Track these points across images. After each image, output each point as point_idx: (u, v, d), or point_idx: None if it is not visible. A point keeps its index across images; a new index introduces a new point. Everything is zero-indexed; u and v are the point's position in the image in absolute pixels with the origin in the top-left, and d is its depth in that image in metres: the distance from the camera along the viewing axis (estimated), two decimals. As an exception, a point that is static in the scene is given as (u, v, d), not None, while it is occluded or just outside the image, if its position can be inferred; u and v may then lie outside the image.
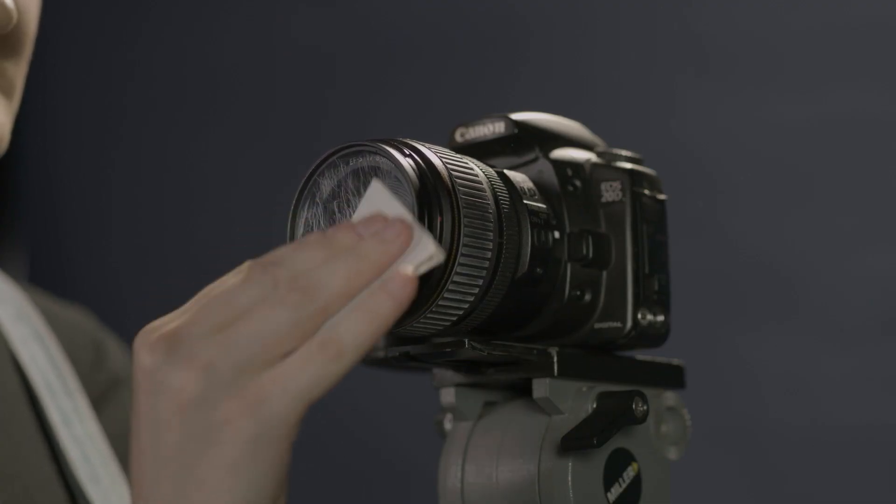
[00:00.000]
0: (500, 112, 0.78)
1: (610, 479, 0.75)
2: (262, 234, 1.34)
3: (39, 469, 0.93)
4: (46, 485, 0.93)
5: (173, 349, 0.63)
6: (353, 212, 0.70)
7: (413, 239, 0.66)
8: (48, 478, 0.93)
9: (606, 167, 0.77)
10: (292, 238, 0.71)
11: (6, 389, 0.95)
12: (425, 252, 0.66)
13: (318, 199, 0.71)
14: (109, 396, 1.03)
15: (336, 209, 0.71)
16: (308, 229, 0.71)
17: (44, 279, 2.06)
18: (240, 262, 0.66)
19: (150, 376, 0.63)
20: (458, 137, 0.78)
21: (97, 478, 0.95)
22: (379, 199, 0.67)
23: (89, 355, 1.04)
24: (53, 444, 0.95)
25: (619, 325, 0.76)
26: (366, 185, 0.70)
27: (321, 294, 0.64)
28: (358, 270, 0.64)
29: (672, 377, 0.79)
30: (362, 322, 0.64)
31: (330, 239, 0.66)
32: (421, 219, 0.68)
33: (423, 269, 0.66)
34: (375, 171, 0.70)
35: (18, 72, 0.86)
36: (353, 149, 0.70)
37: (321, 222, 0.71)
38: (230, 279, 0.65)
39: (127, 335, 1.12)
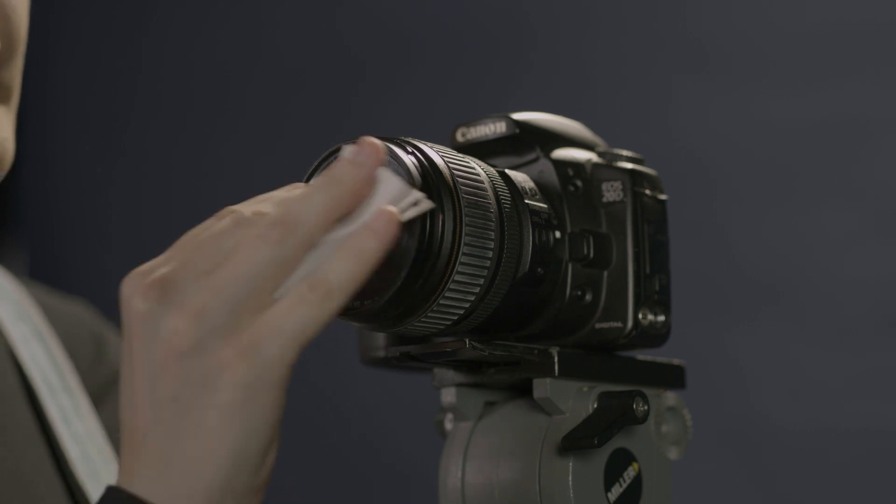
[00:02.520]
0: (502, 112, 0.78)
1: (610, 479, 0.75)
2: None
3: (38, 467, 0.93)
4: (45, 482, 0.93)
5: (165, 295, 0.64)
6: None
7: (397, 187, 0.66)
8: (47, 476, 0.93)
9: (607, 167, 0.77)
10: None
11: (4, 387, 0.95)
12: (410, 198, 0.67)
13: None
14: (111, 390, 1.03)
15: None
16: None
17: (44, 277, 2.06)
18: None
19: (144, 322, 0.64)
20: (459, 137, 0.78)
21: (97, 476, 0.95)
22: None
23: (90, 349, 1.04)
24: (52, 443, 0.95)
25: (619, 325, 0.76)
26: None
27: (301, 225, 0.64)
28: (334, 196, 0.65)
29: (673, 377, 0.79)
30: (348, 261, 0.64)
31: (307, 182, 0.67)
32: (422, 218, 0.68)
33: (410, 213, 0.67)
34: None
35: (13, 77, 0.86)
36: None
37: None
38: (214, 223, 0.66)
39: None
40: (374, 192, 0.66)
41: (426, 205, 0.67)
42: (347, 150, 0.67)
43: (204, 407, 0.63)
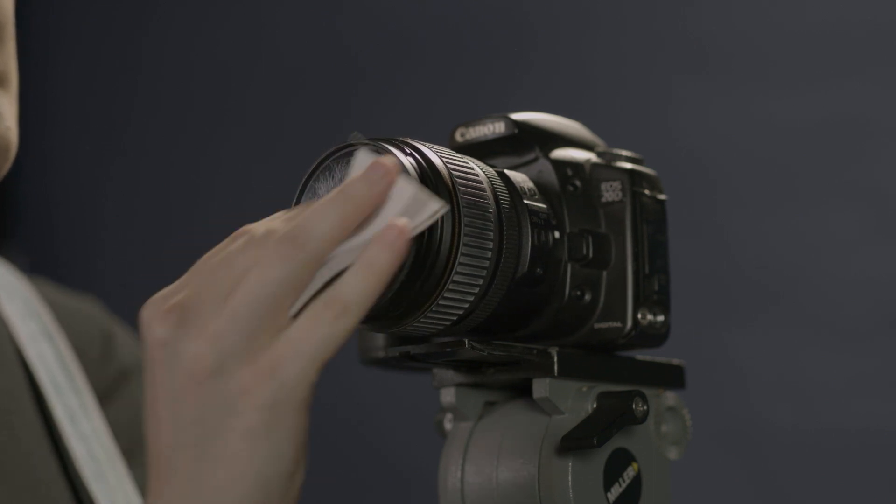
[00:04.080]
0: (501, 112, 0.78)
1: (610, 478, 0.75)
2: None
3: (42, 466, 0.93)
4: (49, 482, 0.93)
5: (183, 320, 0.64)
6: None
7: (410, 194, 0.66)
8: (51, 475, 0.93)
9: (606, 167, 0.77)
10: None
11: (10, 385, 0.95)
12: (426, 208, 0.66)
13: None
14: (119, 387, 1.03)
15: None
16: None
17: (44, 277, 2.06)
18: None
19: (165, 347, 0.64)
20: (458, 137, 0.78)
21: (103, 476, 0.95)
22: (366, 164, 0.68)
23: (98, 346, 1.04)
24: (58, 442, 0.95)
25: (619, 325, 0.76)
26: None
27: (311, 241, 0.64)
28: (344, 212, 0.65)
29: (672, 377, 0.79)
30: (362, 276, 0.64)
31: (320, 197, 0.67)
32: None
33: (423, 223, 0.66)
34: None
35: (6, 62, 0.85)
36: (351, 148, 0.70)
37: None
38: (228, 244, 0.66)
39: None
40: (387, 199, 0.66)
41: (441, 210, 0.67)
42: (360, 160, 0.67)
43: (227, 430, 0.63)
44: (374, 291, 0.65)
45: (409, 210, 0.66)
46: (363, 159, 0.67)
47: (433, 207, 0.66)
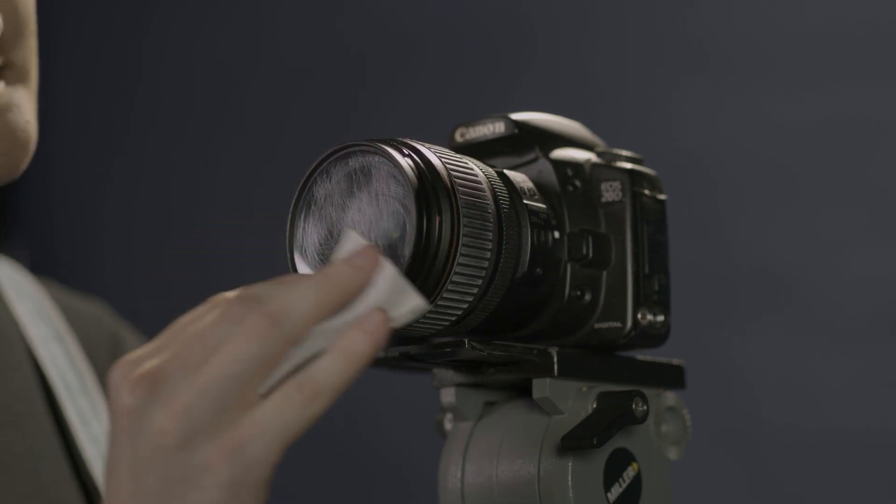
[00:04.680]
0: (501, 112, 0.78)
1: (610, 478, 0.75)
2: (262, 230, 1.34)
3: (54, 466, 0.93)
4: (60, 482, 0.93)
5: (153, 390, 0.64)
6: (347, 214, 0.70)
7: (394, 286, 0.65)
8: (63, 475, 0.94)
9: (606, 167, 0.77)
10: (291, 243, 0.71)
11: (22, 387, 0.95)
12: (408, 302, 0.65)
13: (314, 205, 0.71)
14: None
15: (332, 212, 0.71)
16: (306, 235, 0.71)
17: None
18: (241, 262, 0.67)
19: (131, 417, 0.64)
20: (457, 137, 0.78)
21: None
22: (352, 247, 0.67)
23: (107, 349, 1.04)
24: (70, 443, 0.96)
25: (619, 325, 0.76)
26: (359, 185, 0.70)
27: (288, 320, 0.64)
28: (325, 294, 0.64)
29: (672, 377, 0.79)
30: (338, 362, 0.64)
31: (302, 274, 0.66)
32: (420, 219, 0.68)
33: (404, 317, 0.65)
34: (368, 171, 0.70)
35: (27, 57, 0.85)
36: (349, 149, 0.70)
37: (318, 227, 0.71)
38: (204, 312, 0.66)
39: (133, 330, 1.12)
40: (370, 284, 0.65)
41: (421, 306, 0.66)
42: (348, 241, 0.66)
43: None
44: (349, 379, 0.64)
45: (392, 299, 0.65)
46: (351, 241, 0.67)
47: (414, 302, 0.65)
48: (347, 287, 0.65)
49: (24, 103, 0.85)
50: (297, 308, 0.64)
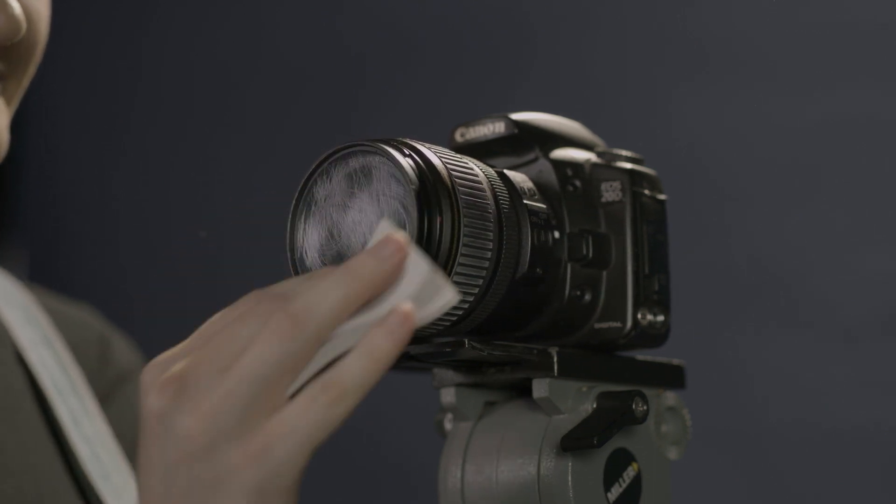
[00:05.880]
0: (501, 112, 0.78)
1: (610, 479, 0.75)
2: (262, 230, 1.34)
3: (47, 465, 0.94)
4: (54, 480, 0.93)
5: (180, 394, 0.64)
6: (347, 215, 0.70)
7: (422, 275, 0.65)
8: (56, 474, 0.94)
9: (606, 167, 0.77)
10: (292, 244, 0.71)
11: (12, 387, 0.96)
12: (438, 296, 0.65)
13: (314, 205, 0.71)
14: (116, 393, 1.03)
15: (332, 213, 0.70)
16: (306, 236, 0.71)
17: (44, 278, 2.06)
18: (241, 263, 0.67)
19: (160, 421, 0.64)
20: (458, 137, 0.78)
21: (108, 475, 0.95)
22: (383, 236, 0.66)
23: (95, 353, 1.05)
24: (62, 443, 0.96)
25: (619, 325, 0.76)
26: (359, 185, 0.70)
27: (313, 320, 0.64)
28: (350, 291, 0.64)
29: (672, 377, 0.79)
30: (362, 362, 0.64)
31: (328, 268, 0.66)
32: (420, 219, 0.68)
33: (431, 313, 0.65)
34: (368, 172, 0.70)
35: (25, 80, 0.86)
36: (350, 150, 0.70)
37: (318, 228, 0.71)
38: (231, 313, 0.66)
39: (129, 334, 1.12)
40: (401, 275, 0.65)
41: (452, 299, 0.65)
42: (379, 230, 0.65)
43: None
44: (374, 379, 0.64)
45: (421, 294, 0.65)
46: (381, 229, 0.66)
47: (446, 297, 0.65)
48: (373, 280, 0.64)
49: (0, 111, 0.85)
50: (322, 306, 0.64)
